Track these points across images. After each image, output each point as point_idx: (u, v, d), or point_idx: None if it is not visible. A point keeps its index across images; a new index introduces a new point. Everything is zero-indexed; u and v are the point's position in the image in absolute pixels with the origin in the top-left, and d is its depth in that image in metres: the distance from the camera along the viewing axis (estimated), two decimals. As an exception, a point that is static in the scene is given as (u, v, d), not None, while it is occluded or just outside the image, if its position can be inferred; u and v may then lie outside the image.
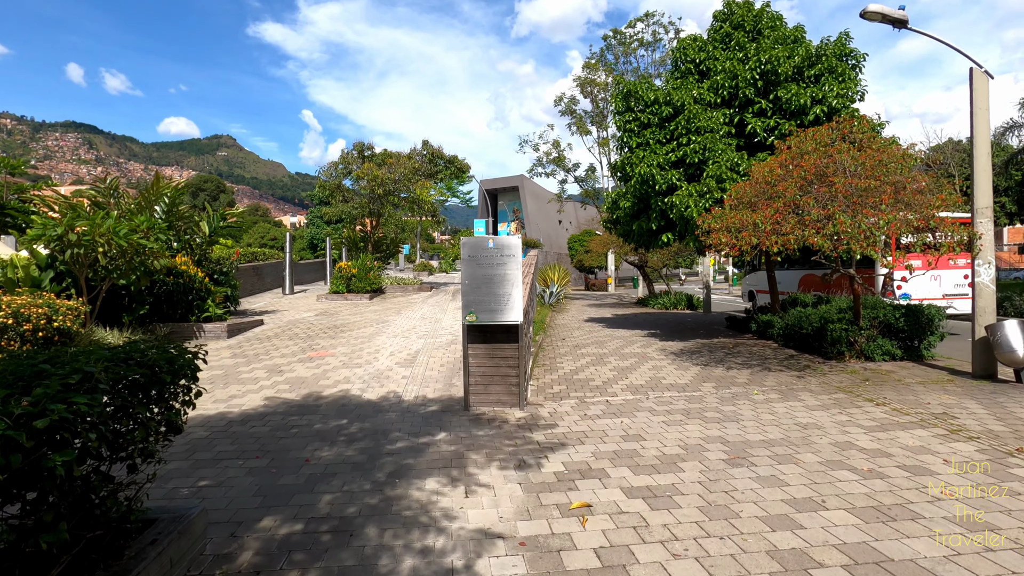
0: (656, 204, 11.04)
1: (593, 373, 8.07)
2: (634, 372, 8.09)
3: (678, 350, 9.96)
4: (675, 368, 8.33)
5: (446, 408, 6.23)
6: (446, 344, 9.87)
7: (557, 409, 6.18)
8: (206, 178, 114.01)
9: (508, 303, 6.11)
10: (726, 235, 7.31)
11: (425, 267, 32.20)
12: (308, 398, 6.57)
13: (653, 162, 10.76)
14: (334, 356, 8.89)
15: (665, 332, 12.70)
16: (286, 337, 10.62)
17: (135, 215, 10.04)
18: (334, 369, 8.01)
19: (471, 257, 6.17)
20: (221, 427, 5.44)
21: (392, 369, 8.04)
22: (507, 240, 6.18)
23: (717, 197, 9.59)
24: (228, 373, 7.75)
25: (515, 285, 6.13)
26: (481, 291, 6.12)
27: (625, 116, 11.86)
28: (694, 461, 4.40)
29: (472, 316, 6.11)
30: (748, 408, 6.04)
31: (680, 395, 6.71)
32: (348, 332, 11.17)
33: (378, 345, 9.80)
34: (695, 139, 10.56)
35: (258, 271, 18.74)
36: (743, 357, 9.11)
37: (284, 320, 12.83)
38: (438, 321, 12.56)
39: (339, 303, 16.24)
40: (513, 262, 6.14)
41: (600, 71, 26.82)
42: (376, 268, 18.05)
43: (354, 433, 5.26)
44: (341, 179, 19.11)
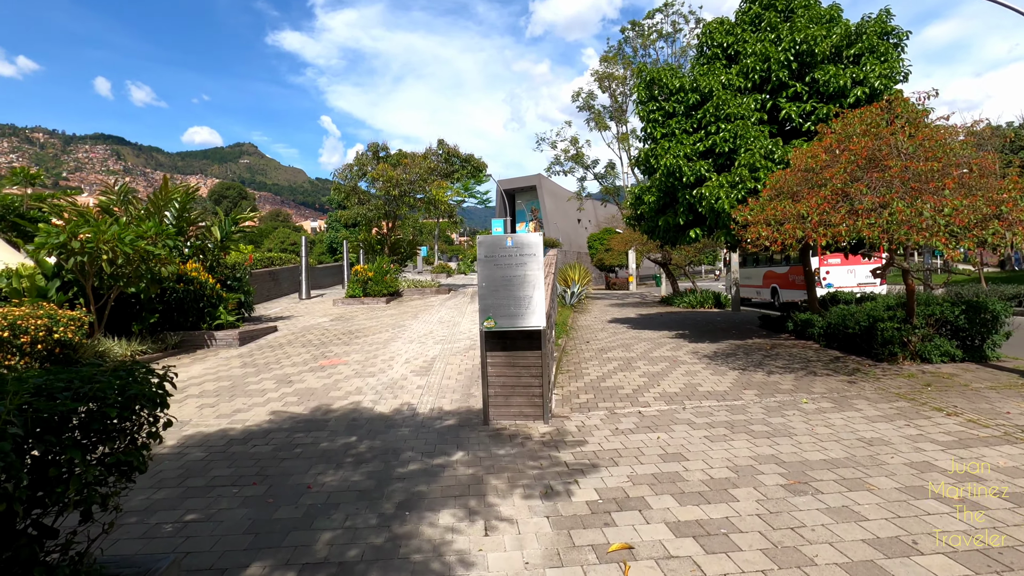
0: (683, 197, 10.39)
1: (622, 380, 7.49)
2: (666, 378, 7.49)
3: (711, 353, 9.31)
4: (711, 373, 7.70)
5: (464, 422, 5.73)
6: (464, 350, 9.37)
7: (585, 422, 5.62)
8: (228, 185, 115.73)
9: (529, 307, 5.58)
10: (766, 228, 6.67)
11: (443, 269, 31.83)
12: (316, 412, 6.12)
13: (680, 153, 10.12)
14: (347, 364, 8.46)
15: (694, 333, 12.03)
16: (299, 344, 10.24)
17: (143, 221, 9.76)
18: (346, 379, 7.57)
19: (488, 257, 5.66)
20: (220, 447, 5.01)
21: (407, 378, 7.57)
22: (526, 238, 5.65)
23: (751, 187, 8.92)
24: (235, 384, 7.36)
25: (536, 287, 5.60)
26: (499, 294, 5.60)
27: (648, 106, 11.23)
28: (748, 487, 3.82)
29: (490, 322, 5.59)
30: (799, 420, 5.41)
31: (720, 404, 6.10)
32: (363, 338, 10.75)
33: (393, 352, 9.35)
34: (724, 127, 9.89)
35: (274, 276, 18.53)
36: (783, 360, 8.44)
37: (298, 326, 12.49)
38: (456, 325, 12.08)
39: (355, 307, 15.89)
40: (533, 262, 5.61)
41: (618, 64, 26.11)
42: (393, 271, 17.68)
43: (362, 453, 4.79)
44: (356, 181, 18.79)
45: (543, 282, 5.64)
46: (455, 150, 28.23)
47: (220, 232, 11.73)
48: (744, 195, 8.88)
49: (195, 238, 11.60)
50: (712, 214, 9.48)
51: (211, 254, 11.74)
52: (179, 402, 6.55)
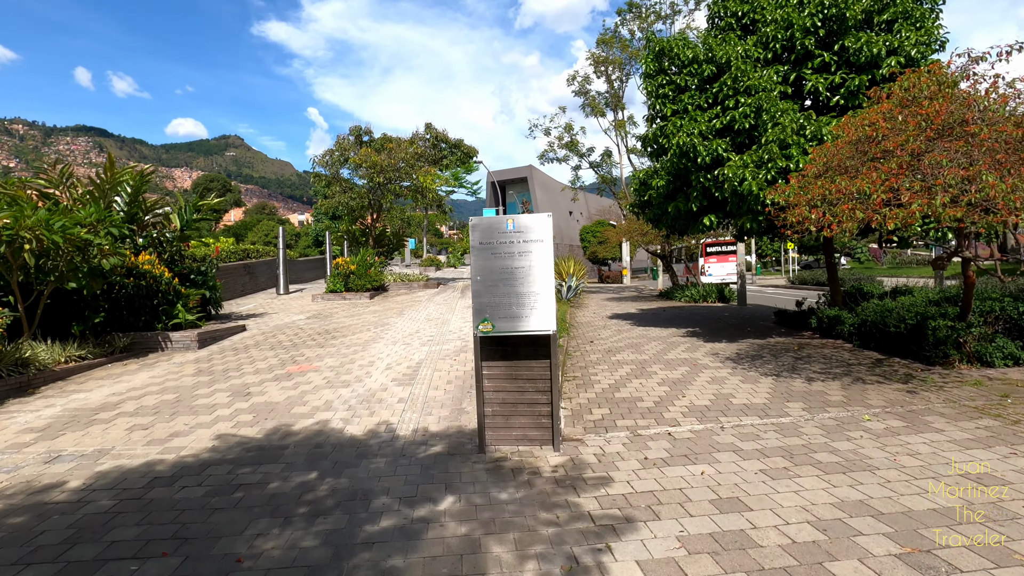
0: (697, 180, 9.32)
1: (639, 389, 6.41)
2: (691, 387, 6.43)
3: (733, 354, 8.27)
4: (740, 380, 6.65)
5: (454, 448, 4.62)
6: (454, 352, 8.25)
7: (605, 448, 4.54)
8: (212, 177, 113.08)
9: (535, 306, 4.47)
10: (813, 210, 5.59)
11: (432, 262, 30.62)
12: (273, 435, 4.98)
13: (694, 130, 9.03)
14: (318, 371, 7.31)
15: (707, 331, 11.00)
16: (267, 346, 9.05)
17: (85, 206, 8.50)
18: (315, 390, 6.42)
19: (483, 244, 4.54)
20: (137, 490, 3.86)
21: (387, 389, 6.44)
22: (531, 220, 4.53)
23: (782, 166, 7.85)
24: (181, 398, 6.19)
25: (544, 281, 4.49)
26: (498, 290, 4.49)
27: (657, 79, 10.12)
28: (850, 559, 2.75)
29: (486, 325, 4.48)
30: (871, 444, 4.36)
31: (765, 423, 5.04)
32: (340, 338, 9.58)
33: (373, 355, 8.21)
34: (744, 100, 8.80)
35: (250, 270, 17.25)
36: (819, 363, 7.41)
37: (270, 325, 11.29)
38: (445, 323, 10.95)
39: (335, 303, 14.69)
40: (541, 250, 4.50)
41: (615, 48, 24.94)
42: (378, 264, 16.49)
43: (322, 499, 3.66)
44: (338, 168, 17.51)
45: (552, 275, 4.53)
46: (443, 135, 26.80)
47: (180, 220, 10.47)
48: (774, 175, 7.81)
49: (151, 227, 10.34)
50: (735, 198, 8.41)
51: (170, 245, 10.49)
52: (107, 423, 5.38)
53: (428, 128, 27.06)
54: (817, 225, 5.55)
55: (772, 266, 54.36)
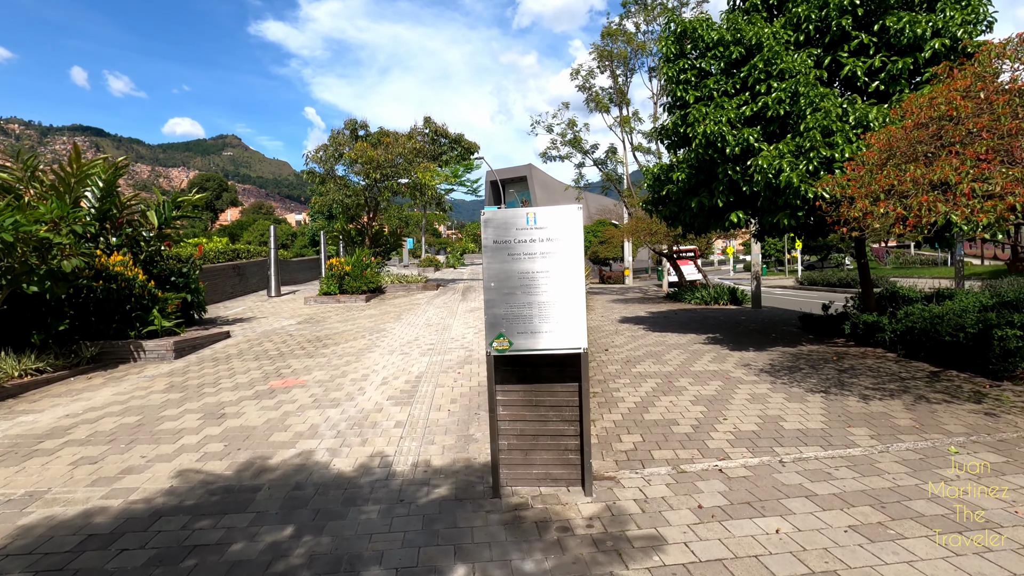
0: (723, 173, 8.51)
1: (671, 408, 5.60)
2: (730, 406, 5.62)
3: (766, 365, 7.46)
4: (784, 398, 5.84)
5: (462, 490, 3.81)
6: (457, 363, 7.43)
7: (646, 492, 3.73)
8: (208, 176, 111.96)
9: (561, 318, 3.66)
10: (880, 203, 4.78)
11: (431, 262, 29.80)
12: (244, 472, 4.16)
13: (721, 118, 8.21)
14: (305, 386, 6.48)
15: (729, 337, 10.19)
16: (251, 356, 8.22)
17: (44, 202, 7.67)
18: (300, 410, 5.60)
19: (498, 244, 3.73)
20: (62, 555, 3.04)
21: (382, 409, 5.61)
22: (557, 214, 3.72)
23: (825, 156, 7.04)
24: (144, 421, 5.36)
25: (572, 288, 3.68)
26: (516, 300, 3.68)
27: (678, 64, 9.31)
28: None
29: (502, 341, 3.67)
30: (976, 489, 3.55)
31: (831, 455, 4.23)
32: (332, 347, 8.76)
33: (367, 367, 7.38)
34: (777, 85, 8.00)
35: (240, 271, 16.40)
36: (867, 377, 6.61)
37: (257, 331, 10.46)
38: (446, 329, 10.13)
39: (329, 307, 13.86)
40: (568, 249, 3.69)
41: (620, 41, 24.12)
42: (374, 265, 15.66)
43: (294, 570, 2.85)
44: (333, 164, 16.66)
45: (583, 281, 3.71)
46: (443, 129, 25.82)
47: (158, 218, 9.63)
48: (816, 166, 7.00)
49: (127, 225, 9.50)
50: (768, 192, 7.58)
51: (148, 245, 9.65)
52: (50, 454, 4.55)
53: (427, 122, 26.06)
54: (883, 222, 4.74)
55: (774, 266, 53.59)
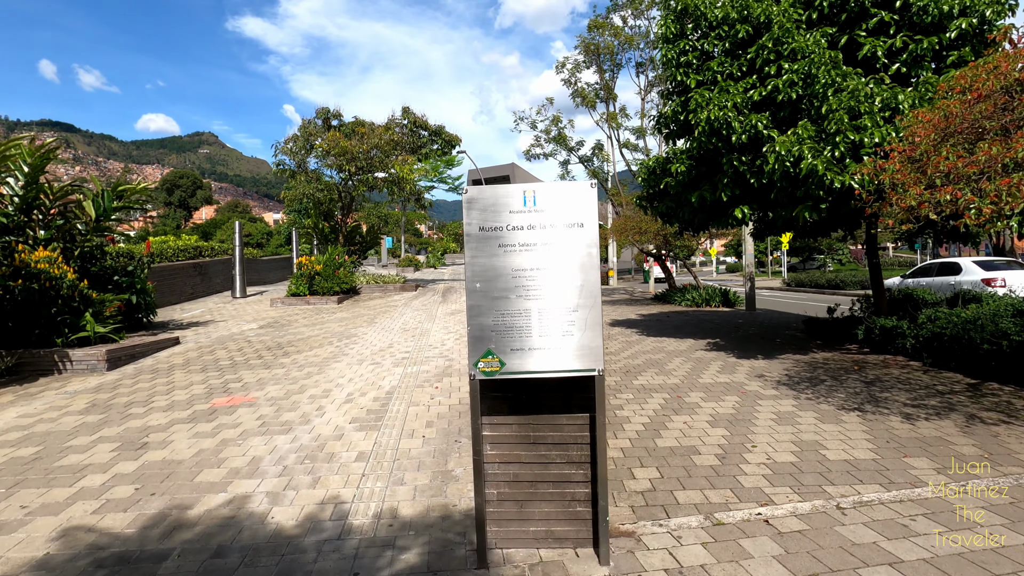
0: (728, 164, 7.72)
1: (687, 432, 4.75)
2: (755, 428, 4.79)
3: (782, 376, 6.68)
4: (816, 418, 5.03)
5: (438, 555, 2.89)
6: (435, 375, 6.50)
7: (677, 554, 2.85)
8: (182, 173, 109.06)
9: (571, 331, 2.78)
10: (942, 190, 3.99)
11: (411, 262, 28.71)
12: (152, 529, 3.18)
13: (726, 103, 7.42)
14: (253, 405, 5.49)
15: (731, 343, 9.42)
16: (198, 367, 7.18)
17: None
18: (241, 438, 4.62)
19: (485, 232, 2.83)
20: None
21: (343, 436, 4.66)
22: (563, 192, 2.84)
23: (853, 141, 6.25)
24: (43, 453, 4.33)
25: (586, 291, 2.80)
26: (510, 305, 2.78)
27: (679, 44, 8.50)
28: None
29: (491, 361, 2.77)
30: (1104, 551, 2.75)
31: (898, 498, 3.41)
32: (294, 355, 7.75)
33: (331, 380, 6.41)
34: (789, 67, 7.23)
35: (202, 270, 15.19)
36: (899, 390, 5.85)
37: (213, 336, 9.37)
38: (423, 334, 9.18)
39: (297, 309, 12.78)
40: (579, 240, 2.81)
41: (607, 34, 23.38)
42: (348, 264, 14.60)
43: None
44: (304, 156, 15.56)
45: (598, 280, 2.83)
46: (423, 120, 24.60)
47: (95, 208, 8.50)
48: (843, 151, 6.22)
49: (59, 217, 8.36)
50: (785, 182, 6.78)
51: (83, 239, 8.52)
52: (-98, 504, 3.51)
53: (406, 112, 24.80)
54: (950, 209, 3.95)
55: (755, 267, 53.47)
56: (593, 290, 2.80)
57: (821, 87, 6.79)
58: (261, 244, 54.45)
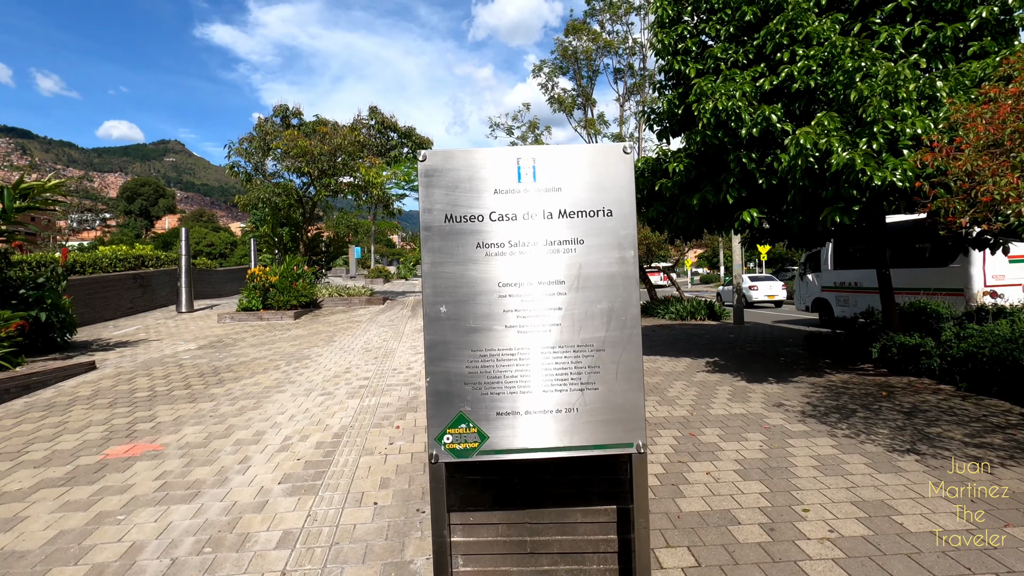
0: (736, 162, 6.84)
1: (714, 486, 3.73)
2: (797, 479, 3.80)
3: (804, 405, 5.75)
4: (865, 463, 4.08)
5: None
6: (397, 409, 5.38)
7: None
8: (143, 181, 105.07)
9: (595, 378, 1.72)
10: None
11: (380, 273, 27.35)
12: None
13: (734, 92, 6.55)
14: (158, 456, 4.27)
15: (732, 362, 8.51)
16: (106, 401, 5.89)
17: None
18: (125, 510, 3.42)
19: (454, 224, 1.76)
20: None
21: (266, 504, 3.49)
22: (576, 159, 1.78)
23: (893, 130, 5.37)
24: None
25: (619, 319, 1.74)
26: (492, 341, 1.72)
27: (676, 30, 7.65)
28: None
29: (464, 433, 1.69)
30: None
31: (1038, 603, 2.44)
32: (229, 384, 6.51)
33: (267, 418, 5.22)
34: (804, 52, 6.39)
35: (144, 281, 13.69)
36: (950, 424, 4.96)
37: (140, 360, 8.04)
38: (388, 355, 8.02)
39: (247, 325, 11.45)
40: (607, 233, 1.75)
41: (585, 39, 22.70)
42: (308, 275, 13.31)
43: None
44: (261, 157, 14.26)
45: (635, 300, 1.79)
46: (392, 121, 23.26)
47: (-9, 209, 7.13)
48: (881, 144, 5.34)
49: (-54, 219, 6.98)
50: (808, 180, 5.87)
51: (-24, 245, 7.15)
52: None
53: (373, 112, 23.46)
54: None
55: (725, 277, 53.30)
56: (628, 317, 1.76)
57: (844, 75, 5.94)
58: (225, 254, 52.25)
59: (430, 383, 1.73)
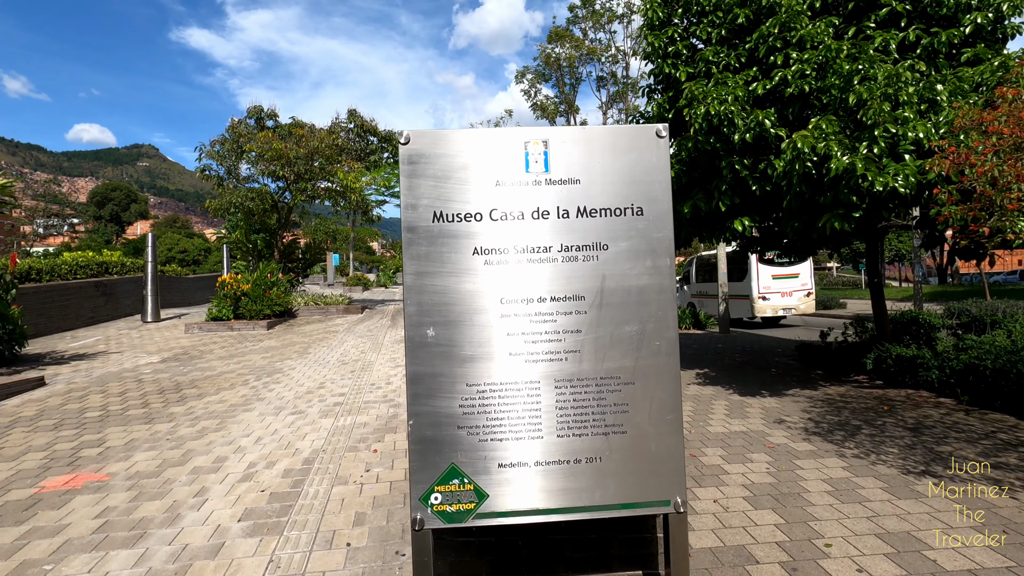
0: (728, 168, 6.61)
1: (724, 516, 3.39)
2: (813, 508, 3.49)
3: (805, 421, 5.49)
4: (880, 487, 3.80)
5: None
6: (375, 430, 4.96)
7: None
8: (114, 186, 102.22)
9: (617, 422, 1.35)
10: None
11: (359, 281, 26.76)
12: None
13: (727, 96, 6.32)
14: (102, 488, 3.79)
15: (723, 373, 8.27)
16: (52, 422, 5.35)
17: None
18: (54, 557, 2.95)
19: (444, 225, 1.39)
20: None
21: (222, 547, 3.06)
22: (600, 142, 1.42)
23: (894, 134, 5.15)
24: None
25: (652, 344, 1.39)
26: (492, 373, 1.35)
27: (667, 32, 7.43)
28: None
29: (453, 491, 1.31)
30: None
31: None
32: (192, 402, 6.02)
33: (230, 441, 4.75)
34: (798, 56, 6.20)
35: (107, 289, 12.98)
36: (958, 441, 4.73)
37: (95, 375, 7.46)
38: (366, 368, 7.59)
39: (216, 336, 10.87)
40: (637, 236, 1.40)
41: (568, 46, 22.59)
42: (283, 283, 12.77)
43: None
44: (235, 161, 13.70)
45: (673, 321, 1.44)
46: (371, 124, 22.72)
47: (-70, 211, 6.55)
48: (882, 149, 5.12)
49: None
50: (805, 186, 5.64)
51: (-88, 251, 6.52)
52: None
53: (352, 115, 22.90)
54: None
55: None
56: (664, 341, 1.42)
57: (841, 78, 5.74)
58: (198, 261, 50.94)
59: (414, 427, 1.36)
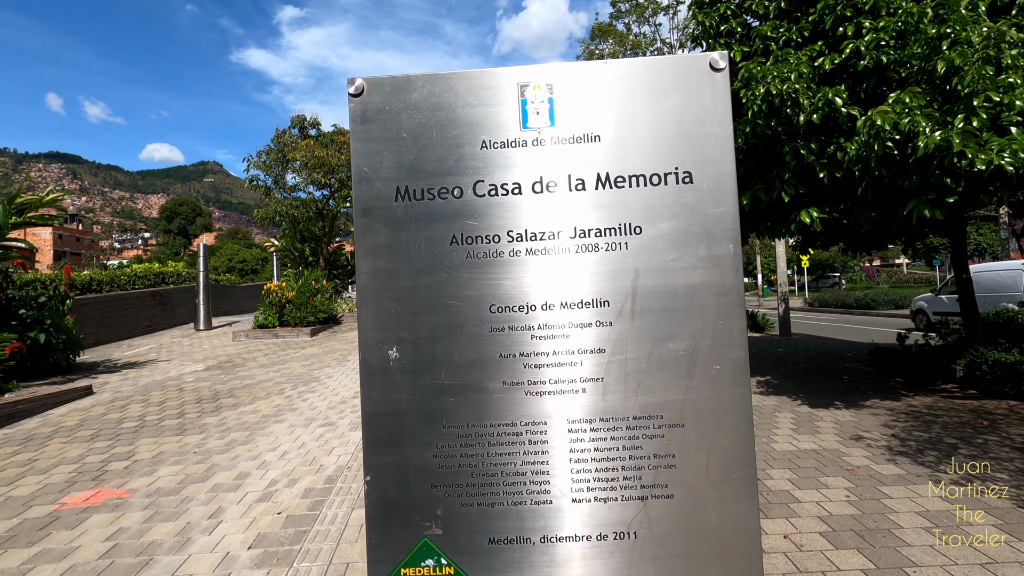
0: (792, 154, 5.94)
1: (800, 560, 2.87)
2: (909, 548, 2.90)
3: (888, 437, 4.79)
4: (995, 524, 3.15)
5: None
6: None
7: None
8: (181, 201, 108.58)
9: (658, 481, 0.92)
10: None
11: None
12: None
13: (789, 74, 5.68)
14: (121, 505, 3.63)
15: (787, 381, 7.54)
16: (88, 433, 5.34)
17: None
18: (57, 585, 2.76)
19: (413, 203, 0.99)
20: None
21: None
22: (630, 82, 0.99)
23: (998, 102, 4.40)
24: None
25: (709, 369, 0.95)
26: (487, 412, 0.94)
27: (718, 10, 6.84)
28: None
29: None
30: None
31: None
32: (225, 412, 5.91)
33: (256, 455, 4.56)
34: (871, 25, 5.49)
35: (163, 299, 13.43)
36: (1086, 466, 3.95)
37: (141, 383, 7.54)
38: (403, 377, 7.32)
39: (261, 344, 10.96)
40: (685, 215, 0.96)
41: (611, 41, 21.99)
42: (327, 289, 12.82)
43: None
44: (281, 170, 13.93)
45: (742, 337, 0.99)
46: None
47: (-16, 225, 6.76)
48: (982, 122, 4.40)
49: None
50: (885, 168, 4.94)
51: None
52: None
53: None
54: None
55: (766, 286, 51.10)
56: (727, 363, 0.97)
57: (925, 45, 5.02)
58: (256, 270, 53.00)
59: (371, 486, 0.99)
